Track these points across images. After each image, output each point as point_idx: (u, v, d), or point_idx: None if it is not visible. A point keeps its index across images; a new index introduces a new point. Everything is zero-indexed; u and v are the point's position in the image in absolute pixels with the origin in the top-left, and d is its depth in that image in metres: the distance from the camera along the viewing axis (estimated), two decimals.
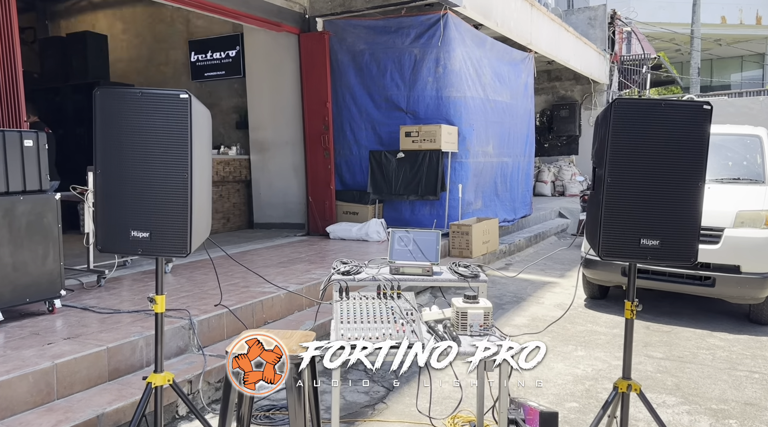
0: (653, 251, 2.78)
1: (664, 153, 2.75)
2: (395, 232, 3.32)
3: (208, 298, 4.86)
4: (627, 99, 2.80)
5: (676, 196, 2.75)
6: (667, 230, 2.76)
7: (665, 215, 2.76)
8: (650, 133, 2.75)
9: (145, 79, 10.98)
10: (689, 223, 2.77)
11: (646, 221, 2.76)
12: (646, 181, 2.75)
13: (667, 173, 2.75)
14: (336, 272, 3.20)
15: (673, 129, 2.75)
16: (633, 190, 2.77)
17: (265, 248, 7.54)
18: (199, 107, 2.76)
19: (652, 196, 2.75)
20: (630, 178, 2.77)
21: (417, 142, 8.28)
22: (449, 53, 8.29)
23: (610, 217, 2.79)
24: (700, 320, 6.00)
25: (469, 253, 7.96)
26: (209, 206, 2.96)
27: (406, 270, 3.20)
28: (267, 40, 9.09)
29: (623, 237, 2.79)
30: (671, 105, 2.76)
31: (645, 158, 2.75)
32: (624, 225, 2.78)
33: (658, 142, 2.75)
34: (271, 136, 9.44)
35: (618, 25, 18.63)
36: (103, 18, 11.22)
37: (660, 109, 2.75)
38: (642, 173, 2.76)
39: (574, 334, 5.56)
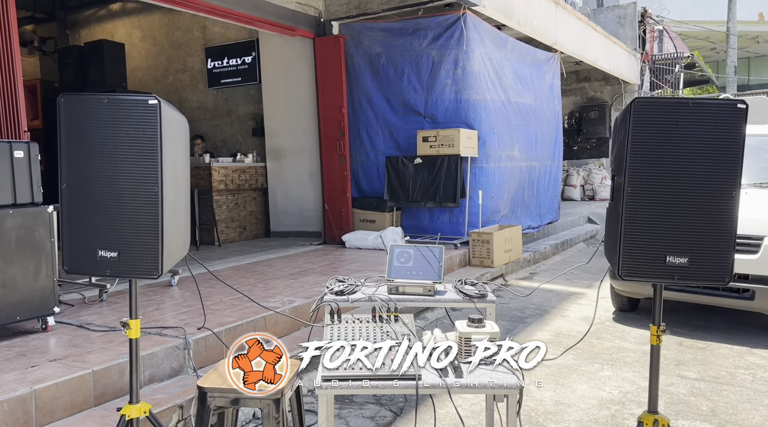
0: (681, 269, 2.45)
1: (692, 158, 2.42)
2: (394, 247, 3.04)
3: (210, 314, 4.63)
4: (648, 98, 2.47)
5: (707, 207, 2.42)
6: (697, 245, 2.43)
7: (695, 229, 2.43)
8: (676, 137, 2.43)
9: (163, 87, 10.92)
10: (722, 237, 2.44)
11: (673, 235, 2.44)
12: (673, 191, 2.43)
13: (696, 181, 2.42)
14: (329, 292, 2.93)
15: (703, 131, 2.42)
16: (657, 200, 2.44)
17: (278, 258, 7.32)
18: (172, 114, 2.52)
19: (679, 207, 2.43)
20: (653, 187, 2.45)
21: (435, 148, 7.98)
22: (468, 55, 7.99)
23: (631, 231, 2.47)
24: (737, 336, 5.57)
25: (490, 262, 7.62)
26: (187, 222, 2.72)
27: (405, 289, 2.92)
28: (282, 45, 8.91)
29: (646, 254, 2.47)
30: (700, 104, 2.43)
31: (670, 164, 2.43)
32: (647, 241, 2.46)
33: (685, 146, 2.42)
34: (287, 142, 9.24)
35: (649, 24, 18.06)
36: (122, 27, 11.20)
37: (687, 109, 2.42)
38: (667, 182, 2.44)
39: (601, 351, 5.20)
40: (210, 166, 8.53)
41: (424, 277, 2.94)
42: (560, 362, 4.92)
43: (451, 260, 7.47)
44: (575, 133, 18.33)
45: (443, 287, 3.07)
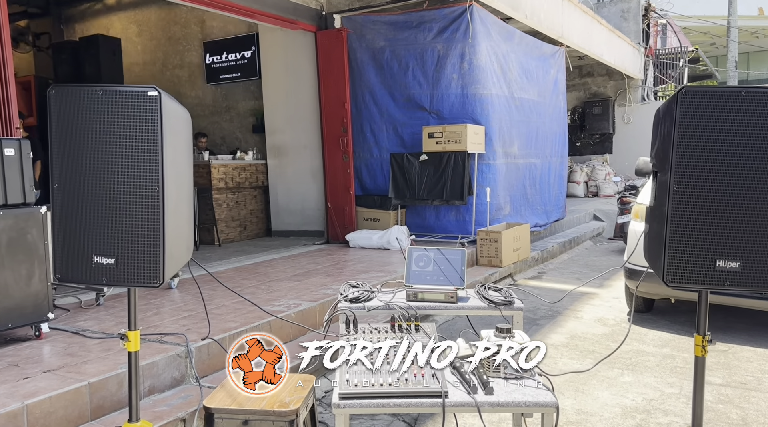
0: (732, 275, 2.24)
1: (744, 153, 2.20)
2: (413, 250, 2.82)
3: (213, 318, 4.41)
4: (697, 86, 2.26)
5: (761, 207, 2.21)
6: (750, 248, 2.22)
7: (747, 231, 2.21)
8: (727, 129, 2.21)
9: (160, 83, 10.64)
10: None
11: (724, 238, 2.22)
12: (723, 188, 2.21)
13: (748, 178, 2.20)
14: (343, 299, 2.71)
15: (757, 123, 2.20)
16: (706, 199, 2.23)
17: (281, 259, 7.10)
18: (173, 107, 2.30)
19: (730, 206, 2.21)
20: (702, 184, 2.23)
21: (441, 144, 7.76)
22: (475, 48, 7.77)
23: (678, 234, 2.26)
24: (759, 337, 5.37)
25: (498, 262, 7.41)
26: (190, 224, 2.50)
27: (425, 296, 2.71)
28: (283, 39, 8.67)
29: (695, 259, 2.26)
30: (754, 93, 2.21)
31: (721, 160, 2.21)
32: (695, 244, 2.24)
33: (737, 139, 2.20)
34: (289, 139, 9.01)
35: (653, 18, 17.84)
36: (117, 21, 10.94)
37: (739, 99, 2.20)
38: (717, 178, 2.22)
39: (620, 354, 4.98)
40: (209, 164, 8.30)
41: (446, 282, 2.73)
42: (577, 366, 4.71)
43: None
44: (578, 128, 18.12)
45: (465, 293, 2.86)
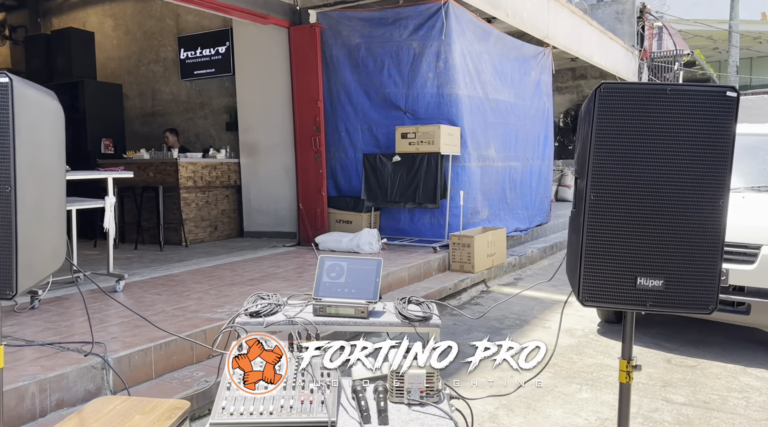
0: (655, 295, 2.00)
1: (670, 158, 1.97)
2: (325, 259, 2.58)
3: (146, 326, 4.17)
4: (617, 83, 2.01)
5: (688, 219, 1.96)
6: (675, 265, 1.98)
7: (672, 245, 1.98)
8: (651, 131, 1.97)
9: (135, 78, 10.44)
10: (707, 255, 1.98)
11: (645, 253, 1.99)
12: (645, 198, 1.98)
13: (674, 186, 1.96)
14: (244, 312, 2.47)
15: (684, 125, 1.96)
16: (626, 209, 1.99)
17: (243, 261, 6.86)
18: (35, 97, 2.06)
19: (653, 218, 1.97)
20: (622, 192, 1.99)
21: (414, 145, 7.52)
22: (450, 46, 7.53)
23: (594, 246, 2.02)
24: (731, 352, 5.11)
25: (470, 267, 7.17)
26: (60, 230, 2.25)
27: (333, 311, 2.46)
28: (257, 34, 8.44)
29: (613, 275, 2.02)
30: (680, 92, 1.97)
31: (643, 165, 1.98)
32: (614, 259, 2.01)
33: (661, 142, 1.97)
34: (262, 138, 8.77)
35: (648, 20, 17.58)
36: (94, 15, 10.71)
37: (664, 98, 1.96)
38: (639, 186, 1.98)
39: (581, 368, 4.74)
40: (177, 162, 8.05)
41: (357, 295, 2.49)
42: (535, 381, 4.46)
43: (429, 265, 7.01)
44: (571, 132, 17.88)
45: (383, 306, 2.61)
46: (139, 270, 6.27)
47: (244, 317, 2.43)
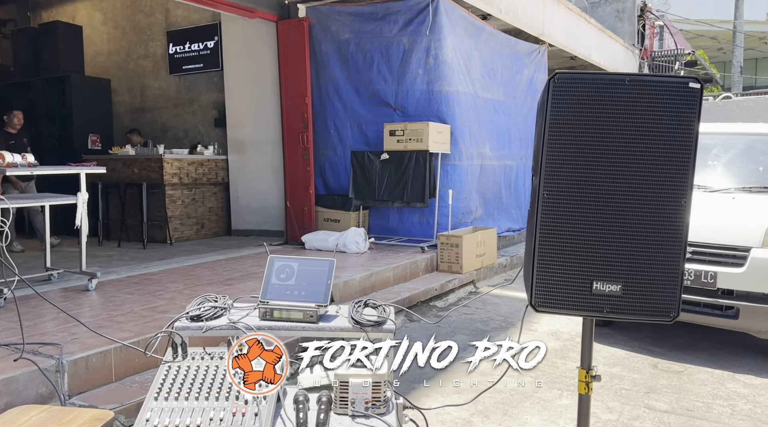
0: (612, 300, 1.87)
1: (629, 153, 1.83)
2: (274, 260, 2.44)
3: (109, 327, 4.05)
4: (572, 73, 1.87)
5: (649, 219, 1.82)
6: (634, 269, 1.84)
7: (631, 248, 1.84)
8: (609, 125, 1.83)
9: (125, 73, 10.31)
10: (668, 258, 1.85)
11: (602, 255, 1.85)
12: (603, 196, 1.84)
13: (634, 184, 1.82)
14: (185, 316, 2.33)
15: (645, 118, 1.82)
16: (582, 208, 1.85)
17: (226, 260, 6.72)
18: None
19: (611, 218, 1.83)
20: (577, 191, 1.86)
21: (402, 142, 7.37)
22: (440, 42, 7.38)
23: (547, 249, 1.89)
24: (720, 357, 4.96)
25: (458, 268, 7.02)
26: None
27: (281, 314, 2.32)
28: (245, 29, 8.30)
29: (566, 279, 1.89)
30: (641, 82, 1.83)
31: (601, 161, 1.84)
32: (568, 261, 1.87)
33: (620, 137, 1.83)
34: (250, 134, 8.64)
35: (649, 19, 17.38)
36: (83, 8, 10.57)
37: (623, 89, 1.83)
38: (595, 184, 1.85)
39: (564, 373, 4.60)
40: (162, 158, 7.91)
41: (307, 298, 2.35)
42: (514, 388, 4.32)
43: (416, 266, 6.87)
44: None
45: (336, 310, 2.48)
46: (117, 268, 6.15)
47: (184, 321, 2.29)
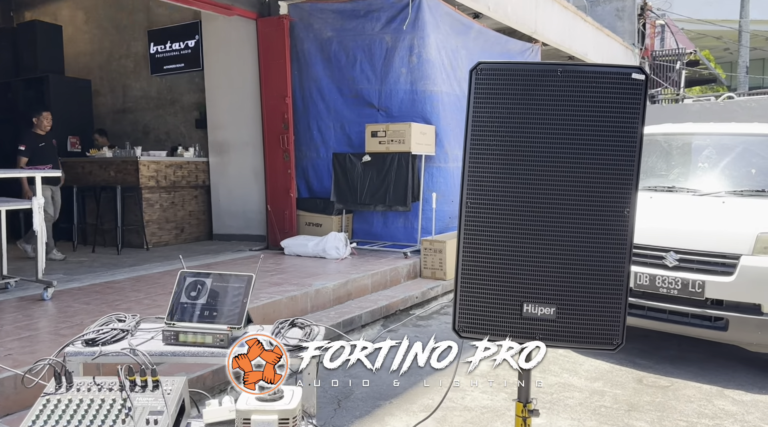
0: (546, 325, 1.60)
1: (564, 155, 1.57)
2: (186, 275, 2.18)
3: (48, 342, 3.80)
4: (498, 63, 1.61)
5: (585, 232, 1.56)
6: (570, 290, 1.58)
7: (566, 265, 1.58)
8: (540, 122, 1.58)
9: (107, 73, 10.09)
10: (609, 277, 1.58)
11: (533, 274, 1.59)
12: (533, 203, 1.58)
13: (568, 191, 1.56)
14: (80, 339, 2.08)
15: (581, 114, 1.56)
16: (509, 220, 1.59)
17: (199, 266, 6.46)
18: None
19: (542, 230, 1.57)
20: (505, 197, 1.60)
21: (384, 144, 7.11)
22: (424, 40, 7.12)
23: (472, 266, 1.63)
24: (710, 371, 4.67)
25: (442, 274, 6.76)
26: None
27: (186, 338, 2.06)
28: (225, 27, 8.06)
29: (494, 302, 1.62)
30: (575, 74, 1.57)
31: (530, 165, 1.58)
32: (494, 281, 1.61)
33: (553, 135, 1.57)
34: (231, 136, 8.39)
35: (649, 18, 17.07)
36: (66, 7, 10.37)
37: (555, 81, 1.57)
38: (526, 190, 1.59)
39: (542, 388, 4.32)
40: (138, 161, 7.67)
41: (219, 319, 2.08)
42: (487, 405, 4.05)
43: (397, 272, 6.61)
44: None
45: (257, 331, 2.21)
46: (83, 275, 5.91)
47: (78, 345, 2.04)
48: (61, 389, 1.86)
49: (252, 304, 4.84)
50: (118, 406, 1.80)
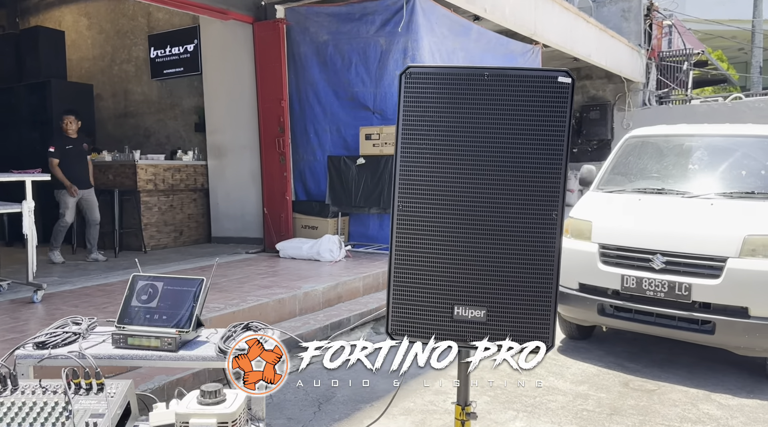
0: (477, 328, 1.60)
1: (492, 158, 1.56)
2: (137, 278, 2.20)
3: None
4: (425, 67, 1.62)
5: (514, 235, 1.55)
6: (500, 293, 1.58)
7: (495, 268, 1.57)
8: (468, 125, 1.57)
9: (108, 78, 10.19)
10: (538, 280, 1.58)
11: (463, 277, 1.59)
12: (463, 209, 1.57)
13: (497, 194, 1.56)
14: (31, 342, 2.10)
15: (508, 117, 1.55)
16: (438, 222, 1.59)
17: (192, 269, 6.50)
18: None
19: (471, 234, 1.57)
20: (435, 200, 1.60)
21: (378, 147, 7.13)
22: (417, 43, 7.12)
23: (404, 269, 1.63)
24: (698, 374, 4.63)
25: None
26: None
27: (134, 341, 2.08)
28: (222, 31, 8.11)
29: (425, 304, 1.62)
30: (502, 76, 1.56)
31: (459, 168, 1.58)
32: (426, 283, 1.61)
33: (481, 139, 1.56)
34: (229, 139, 8.44)
35: (656, 18, 16.92)
36: (69, 14, 10.50)
37: (482, 84, 1.56)
38: (456, 193, 1.58)
39: (525, 392, 4.29)
40: (135, 164, 7.74)
41: (168, 322, 2.10)
42: None
43: None
44: (576, 134, 17.28)
45: (209, 334, 2.22)
46: (76, 278, 5.97)
47: (29, 348, 2.06)
48: (5, 392, 1.88)
49: (237, 307, 4.88)
50: (60, 409, 1.82)
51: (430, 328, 1.63)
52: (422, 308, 1.62)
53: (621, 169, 5.64)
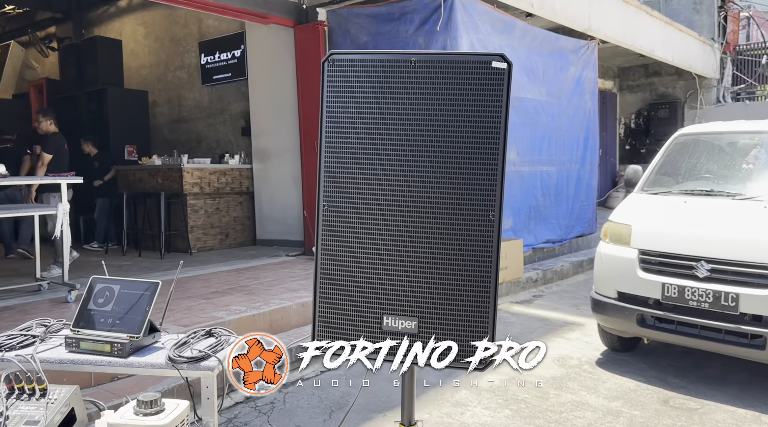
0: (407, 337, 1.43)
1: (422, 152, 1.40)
2: (96, 281, 2.15)
3: None
4: (347, 53, 1.47)
5: (447, 239, 1.39)
6: (432, 302, 1.42)
7: (427, 276, 1.41)
8: (396, 116, 1.42)
9: (164, 85, 10.49)
10: (473, 289, 1.40)
11: (392, 284, 1.43)
12: (391, 210, 1.42)
13: (429, 192, 1.40)
14: None
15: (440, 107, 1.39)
16: (366, 225, 1.45)
17: (228, 271, 6.56)
18: None
19: (401, 237, 1.41)
20: (361, 202, 1.45)
21: None
22: (457, 40, 6.91)
23: (330, 275, 1.49)
24: (751, 393, 4.21)
25: None
26: None
27: (86, 346, 2.02)
28: (266, 36, 8.17)
29: (353, 314, 1.48)
30: (431, 62, 1.40)
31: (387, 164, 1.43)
32: (354, 291, 1.46)
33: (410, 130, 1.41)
34: (273, 143, 8.49)
35: (732, 10, 15.92)
36: (128, 23, 10.89)
37: (409, 71, 1.40)
38: (383, 194, 1.43)
39: (552, 406, 4.03)
40: (182, 168, 7.89)
41: (121, 328, 2.03)
42: (485, 422, 3.82)
43: None
44: (643, 133, 16.50)
45: (164, 341, 2.14)
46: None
47: None
48: None
49: (259, 310, 4.83)
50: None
51: (356, 334, 1.48)
52: (350, 316, 1.48)
53: (668, 170, 5.24)
